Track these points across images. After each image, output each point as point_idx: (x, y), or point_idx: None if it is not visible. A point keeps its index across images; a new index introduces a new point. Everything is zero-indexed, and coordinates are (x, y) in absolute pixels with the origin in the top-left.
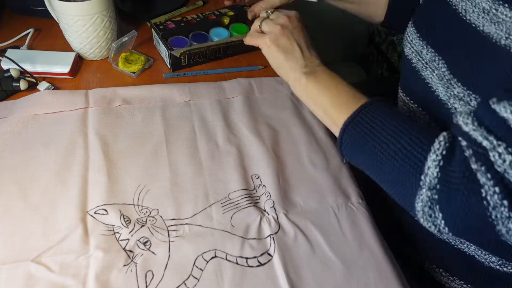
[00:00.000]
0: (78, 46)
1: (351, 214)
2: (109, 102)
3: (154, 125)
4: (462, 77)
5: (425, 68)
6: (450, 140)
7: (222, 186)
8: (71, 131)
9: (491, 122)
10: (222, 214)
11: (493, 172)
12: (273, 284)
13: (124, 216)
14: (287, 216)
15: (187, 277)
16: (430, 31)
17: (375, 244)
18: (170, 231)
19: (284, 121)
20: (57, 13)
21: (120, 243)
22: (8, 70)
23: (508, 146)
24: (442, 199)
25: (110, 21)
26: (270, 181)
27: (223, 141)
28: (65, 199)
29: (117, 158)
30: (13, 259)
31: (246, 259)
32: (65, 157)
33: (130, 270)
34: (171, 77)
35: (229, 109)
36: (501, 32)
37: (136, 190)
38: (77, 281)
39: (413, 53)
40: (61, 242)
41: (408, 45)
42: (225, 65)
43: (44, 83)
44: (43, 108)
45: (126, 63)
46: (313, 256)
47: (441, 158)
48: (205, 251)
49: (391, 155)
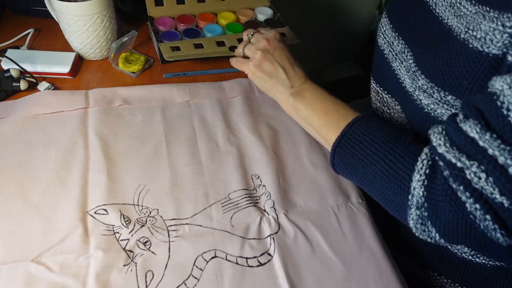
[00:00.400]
0: (78, 46)
1: (351, 214)
2: (109, 102)
3: (154, 125)
4: (425, 69)
5: (395, 59)
6: (432, 157)
7: (222, 186)
8: (71, 131)
9: (461, 142)
10: (222, 214)
11: (471, 190)
12: (273, 284)
13: (124, 216)
14: (287, 216)
15: (187, 277)
16: (402, 22)
17: (375, 244)
18: (170, 231)
19: (284, 121)
20: (57, 13)
21: (120, 243)
22: (8, 70)
23: (480, 165)
24: (432, 215)
25: (110, 21)
26: (270, 181)
27: (223, 141)
28: (65, 199)
29: (117, 158)
30: (13, 259)
31: (246, 259)
32: (65, 157)
33: (130, 270)
34: (171, 77)
35: (229, 109)
36: (461, 26)
37: (136, 190)
38: (77, 281)
39: (385, 43)
40: (61, 242)
41: (381, 36)
42: (225, 65)
43: (44, 83)
44: (43, 108)
45: (126, 63)
46: (313, 256)
47: (424, 177)
48: (205, 251)
49: (379, 174)
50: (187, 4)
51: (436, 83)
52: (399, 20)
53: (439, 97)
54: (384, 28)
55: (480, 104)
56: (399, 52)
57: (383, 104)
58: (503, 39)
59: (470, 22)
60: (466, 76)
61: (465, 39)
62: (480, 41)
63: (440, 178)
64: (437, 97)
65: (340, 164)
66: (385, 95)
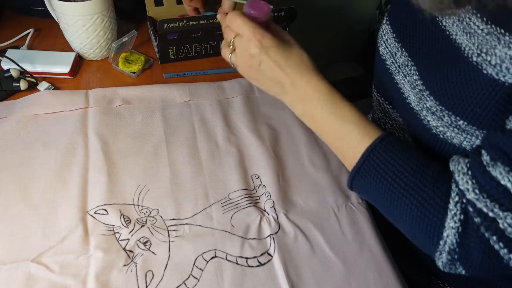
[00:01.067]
0: (78, 46)
1: (351, 214)
2: (109, 102)
3: (154, 125)
4: (435, 91)
5: (398, 72)
6: (464, 201)
7: (222, 186)
8: (71, 131)
9: (491, 189)
10: (222, 214)
11: (505, 240)
12: (273, 284)
13: (124, 216)
14: (287, 216)
15: (187, 277)
16: (406, 32)
17: (375, 244)
18: (170, 231)
19: (284, 121)
20: (57, 13)
21: (120, 243)
22: (8, 70)
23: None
24: (463, 258)
25: (110, 21)
26: (270, 181)
27: (223, 141)
28: (65, 199)
29: (117, 158)
30: (13, 259)
31: (246, 259)
32: (65, 157)
33: (130, 270)
34: (171, 77)
35: (229, 109)
36: (472, 46)
37: (136, 190)
38: (77, 281)
39: (388, 54)
40: (61, 242)
41: (384, 45)
42: (225, 65)
43: (44, 83)
44: (43, 108)
45: (126, 63)
46: (313, 256)
47: (459, 224)
48: (205, 251)
49: (407, 211)
50: None
51: (447, 107)
52: (402, 29)
53: (449, 121)
54: (386, 37)
55: (505, 147)
56: (402, 64)
57: (385, 115)
58: None
59: (483, 44)
60: (480, 103)
61: (478, 63)
62: (495, 69)
63: (473, 224)
64: (447, 120)
65: (360, 190)
66: (387, 105)
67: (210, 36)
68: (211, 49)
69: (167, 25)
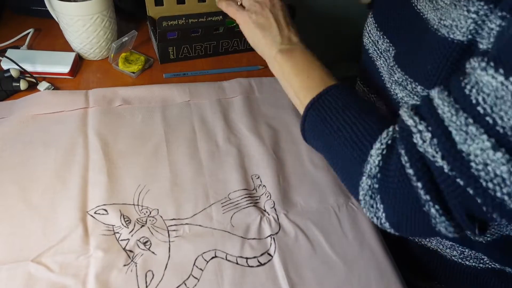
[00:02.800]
0: (78, 46)
1: (351, 213)
2: (109, 102)
3: (154, 125)
4: (402, 62)
5: (379, 57)
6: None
7: (222, 186)
8: (71, 131)
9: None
10: (222, 214)
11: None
12: (273, 284)
13: (124, 216)
14: (288, 216)
15: (187, 277)
16: (387, 21)
17: (375, 244)
18: (170, 231)
19: (284, 121)
20: (57, 13)
21: (120, 243)
22: (8, 70)
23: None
24: (382, 189)
25: (110, 21)
26: (270, 181)
27: (223, 141)
28: (65, 199)
29: (117, 158)
30: (13, 259)
31: (246, 259)
32: (65, 157)
33: (130, 270)
34: (171, 77)
35: (229, 109)
36: (435, 17)
37: (136, 190)
38: (77, 281)
39: (370, 43)
40: (61, 242)
41: (367, 35)
42: (225, 65)
43: (44, 83)
44: (43, 108)
45: (126, 63)
46: (313, 256)
47: (385, 147)
48: (205, 251)
49: (343, 142)
50: (187, 4)
51: (410, 74)
52: (383, 19)
53: (411, 88)
54: (369, 28)
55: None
56: (383, 50)
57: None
58: (467, 25)
59: (444, 13)
60: (431, 62)
61: (436, 29)
62: (447, 28)
63: (397, 153)
64: (409, 88)
65: (309, 128)
66: (371, 94)
67: (210, 36)
68: (211, 49)
69: (166, 23)
